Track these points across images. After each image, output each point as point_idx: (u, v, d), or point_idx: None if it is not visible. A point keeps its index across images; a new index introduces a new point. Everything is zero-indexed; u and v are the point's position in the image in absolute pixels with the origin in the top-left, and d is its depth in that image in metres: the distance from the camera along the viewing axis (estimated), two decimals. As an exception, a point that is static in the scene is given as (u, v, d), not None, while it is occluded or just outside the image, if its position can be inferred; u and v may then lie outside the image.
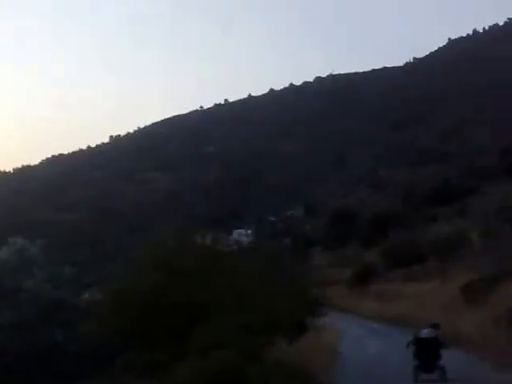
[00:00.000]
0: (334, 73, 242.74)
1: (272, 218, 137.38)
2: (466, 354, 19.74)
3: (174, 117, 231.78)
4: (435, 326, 15.93)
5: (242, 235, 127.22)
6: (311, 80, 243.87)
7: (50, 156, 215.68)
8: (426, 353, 14.98)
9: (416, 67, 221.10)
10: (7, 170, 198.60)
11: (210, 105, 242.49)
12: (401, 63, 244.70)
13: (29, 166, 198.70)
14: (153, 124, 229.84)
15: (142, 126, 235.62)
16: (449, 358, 15.82)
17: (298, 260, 56.14)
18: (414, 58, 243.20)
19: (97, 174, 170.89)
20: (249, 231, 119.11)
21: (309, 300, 33.64)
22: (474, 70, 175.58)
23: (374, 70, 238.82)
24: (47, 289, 14.04)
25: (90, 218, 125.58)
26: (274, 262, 38.17)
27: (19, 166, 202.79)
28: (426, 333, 15.58)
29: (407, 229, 56.46)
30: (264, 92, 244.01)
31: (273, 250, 44.06)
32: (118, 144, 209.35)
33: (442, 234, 45.42)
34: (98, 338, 14.58)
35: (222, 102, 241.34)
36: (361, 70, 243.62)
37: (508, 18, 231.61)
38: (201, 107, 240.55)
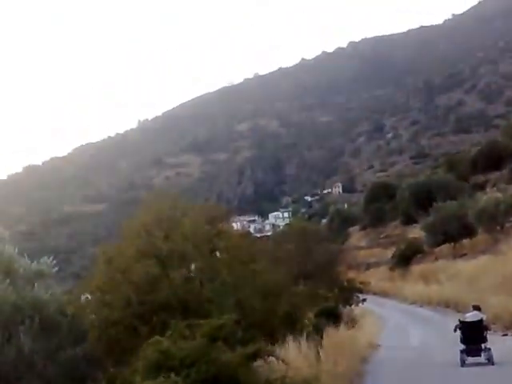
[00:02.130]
0: (368, 36, 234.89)
1: (309, 198, 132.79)
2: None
3: (202, 95, 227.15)
4: (479, 309, 15.68)
5: (278, 218, 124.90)
6: (344, 46, 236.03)
7: (78, 146, 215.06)
8: (472, 336, 14.85)
9: (454, 24, 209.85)
10: (36, 164, 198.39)
11: (240, 79, 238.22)
12: (439, 21, 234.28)
13: (58, 158, 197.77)
14: (180, 105, 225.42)
15: (169, 107, 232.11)
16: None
17: (335, 241, 52.24)
18: (453, 15, 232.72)
19: (124, 161, 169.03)
20: (285, 214, 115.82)
21: (342, 286, 30.12)
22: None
23: (409, 30, 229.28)
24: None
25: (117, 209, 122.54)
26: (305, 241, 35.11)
27: (48, 158, 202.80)
28: (470, 316, 15.38)
29: (453, 200, 51.47)
30: (295, 62, 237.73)
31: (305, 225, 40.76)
32: (146, 128, 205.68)
33: (492, 202, 40.59)
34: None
35: (251, 76, 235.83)
36: (396, 32, 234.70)
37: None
38: (230, 83, 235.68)
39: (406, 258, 47.13)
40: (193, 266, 12.27)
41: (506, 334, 19.48)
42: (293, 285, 18.36)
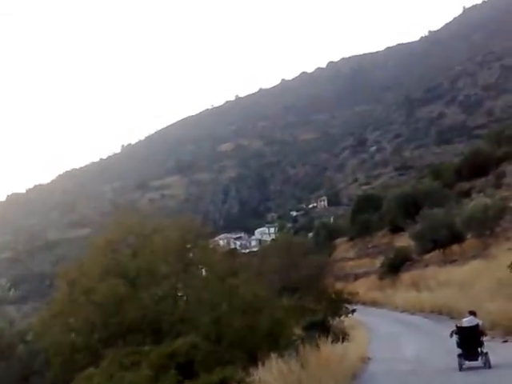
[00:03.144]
0: (346, 56, 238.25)
1: (294, 213, 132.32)
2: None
3: (184, 118, 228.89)
4: (475, 314, 15.81)
5: (264, 234, 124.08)
6: (324, 66, 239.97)
7: (62, 172, 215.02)
8: (469, 341, 15.08)
9: (431, 40, 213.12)
10: (20, 192, 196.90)
11: (221, 102, 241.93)
12: (416, 38, 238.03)
13: (41, 185, 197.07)
14: (163, 129, 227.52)
15: (153, 131, 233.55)
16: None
17: (321, 254, 51.37)
18: (429, 31, 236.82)
19: (109, 186, 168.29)
20: (271, 229, 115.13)
21: (330, 298, 29.22)
22: (491, 37, 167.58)
23: (388, 47, 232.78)
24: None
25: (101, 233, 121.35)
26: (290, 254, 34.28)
27: (31, 186, 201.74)
28: (467, 321, 15.58)
29: (439, 207, 50.98)
30: (275, 84, 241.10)
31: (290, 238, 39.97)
32: (130, 153, 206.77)
33: (479, 207, 40.04)
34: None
35: (233, 99, 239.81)
36: (374, 50, 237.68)
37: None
38: (211, 105, 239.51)
39: (394, 267, 46.28)
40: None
41: (506, 341, 18.57)
42: (276, 298, 17.49)
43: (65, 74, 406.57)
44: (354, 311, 28.39)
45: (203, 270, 12.15)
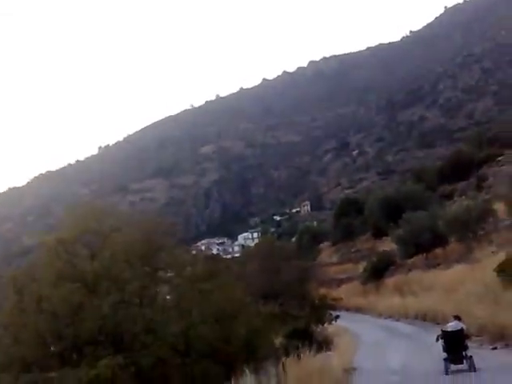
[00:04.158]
0: (327, 55, 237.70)
1: (277, 218, 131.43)
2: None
3: (164, 119, 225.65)
4: (459, 319, 16.10)
5: (248, 239, 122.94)
6: (305, 65, 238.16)
7: (37, 175, 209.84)
8: (454, 345, 15.37)
9: (413, 40, 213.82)
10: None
11: (202, 102, 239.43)
12: (397, 38, 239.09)
13: (16, 188, 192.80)
14: (143, 129, 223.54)
15: (131, 132, 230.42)
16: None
17: (305, 258, 50.45)
18: (411, 32, 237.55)
19: (87, 189, 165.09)
20: (255, 234, 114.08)
21: (314, 304, 28.30)
22: (472, 38, 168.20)
23: (368, 48, 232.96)
24: None
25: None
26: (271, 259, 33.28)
27: (6, 189, 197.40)
28: (452, 326, 15.85)
29: (422, 210, 50.44)
30: (256, 83, 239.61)
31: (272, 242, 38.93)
32: (108, 154, 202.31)
33: (462, 209, 39.45)
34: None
35: (213, 98, 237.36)
36: (355, 50, 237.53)
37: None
38: (191, 105, 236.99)
39: (378, 271, 45.51)
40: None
41: (495, 348, 17.83)
42: (255, 304, 16.50)
43: (37, 73, 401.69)
44: (337, 317, 27.52)
45: (172, 275, 11.08)
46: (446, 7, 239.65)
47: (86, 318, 9.57)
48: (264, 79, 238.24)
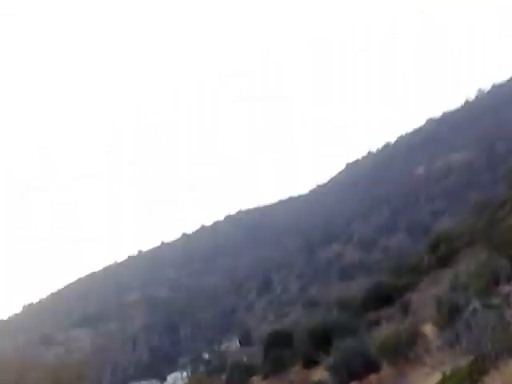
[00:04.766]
0: (243, 209, 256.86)
1: (207, 355, 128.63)
2: None
3: (89, 274, 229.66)
4: None
5: (177, 379, 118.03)
6: (221, 218, 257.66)
7: None
8: None
9: (320, 191, 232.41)
10: None
11: (124, 257, 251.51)
12: (306, 191, 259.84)
13: None
14: (68, 285, 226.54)
15: (55, 290, 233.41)
16: None
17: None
18: (318, 186, 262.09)
19: (12, 342, 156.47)
20: (184, 373, 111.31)
21: None
22: (376, 184, 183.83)
23: (280, 200, 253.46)
24: None
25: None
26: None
27: None
28: None
29: (351, 337, 50.85)
30: (176, 237, 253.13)
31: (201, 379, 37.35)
32: (32, 311, 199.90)
33: (391, 333, 40.18)
34: None
35: (135, 253, 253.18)
36: (268, 203, 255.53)
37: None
38: (115, 261, 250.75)
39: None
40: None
41: None
42: None
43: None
44: None
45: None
46: (347, 164, 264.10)
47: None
48: (183, 234, 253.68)
